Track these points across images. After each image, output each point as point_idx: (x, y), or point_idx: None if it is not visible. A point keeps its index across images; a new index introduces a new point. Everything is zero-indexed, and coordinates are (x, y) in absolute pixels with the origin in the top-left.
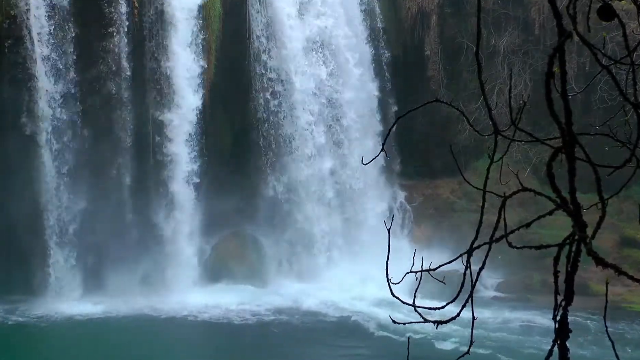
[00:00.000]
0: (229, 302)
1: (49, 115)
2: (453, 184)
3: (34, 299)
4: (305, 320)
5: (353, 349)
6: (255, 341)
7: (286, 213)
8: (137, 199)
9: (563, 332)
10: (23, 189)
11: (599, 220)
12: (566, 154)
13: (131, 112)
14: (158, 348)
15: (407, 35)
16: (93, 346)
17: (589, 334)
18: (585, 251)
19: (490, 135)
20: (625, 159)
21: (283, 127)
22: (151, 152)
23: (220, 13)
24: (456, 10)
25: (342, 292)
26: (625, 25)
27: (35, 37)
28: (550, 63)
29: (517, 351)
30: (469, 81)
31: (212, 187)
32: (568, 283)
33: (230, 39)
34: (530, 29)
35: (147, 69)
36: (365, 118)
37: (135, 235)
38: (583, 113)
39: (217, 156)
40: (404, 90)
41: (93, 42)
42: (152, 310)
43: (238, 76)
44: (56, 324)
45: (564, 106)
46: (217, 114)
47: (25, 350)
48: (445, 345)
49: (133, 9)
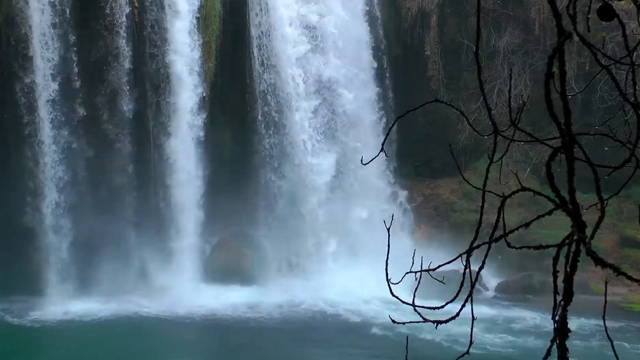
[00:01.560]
0: (228, 302)
1: (47, 117)
2: (453, 184)
3: (31, 299)
4: (305, 320)
5: (353, 349)
6: (254, 341)
7: (286, 213)
8: (136, 199)
9: (562, 332)
10: (21, 188)
11: (599, 220)
12: (565, 154)
13: (131, 112)
14: (157, 348)
15: (407, 35)
16: (92, 346)
17: (589, 334)
18: (585, 251)
19: (490, 135)
20: (624, 159)
21: (283, 127)
22: (151, 152)
23: (220, 13)
24: (456, 10)
25: (342, 291)
26: (625, 25)
27: (36, 36)
28: (550, 63)
29: (517, 351)
30: (469, 81)
31: (212, 187)
32: (567, 283)
33: (230, 39)
34: (530, 29)
35: (147, 69)
36: (365, 118)
37: (135, 235)
38: (583, 113)
39: (217, 156)
40: (404, 90)
41: (93, 41)
42: (151, 310)
43: (238, 76)
44: (53, 324)
45: (564, 106)
46: (217, 114)
47: (25, 350)
48: (445, 345)
49: (133, 9)
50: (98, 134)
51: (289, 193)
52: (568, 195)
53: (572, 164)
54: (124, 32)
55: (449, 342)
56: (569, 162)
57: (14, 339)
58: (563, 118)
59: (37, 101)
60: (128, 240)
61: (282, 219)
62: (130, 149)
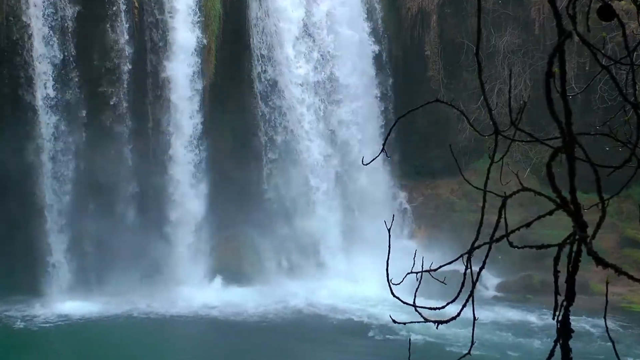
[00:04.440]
0: (228, 302)
1: (46, 119)
2: (453, 184)
3: (33, 299)
4: (305, 320)
5: (353, 349)
6: (254, 341)
7: (286, 213)
8: (136, 199)
9: (565, 333)
10: (22, 188)
11: (599, 220)
12: (566, 154)
13: (131, 113)
14: (157, 348)
15: (407, 35)
16: (92, 346)
17: (590, 334)
18: (586, 251)
19: (491, 136)
20: (625, 159)
21: (283, 127)
22: (151, 152)
23: (220, 13)
24: (456, 10)
25: (342, 291)
26: (625, 25)
27: (36, 36)
28: (550, 63)
29: (517, 351)
30: (469, 81)
31: (213, 187)
32: (569, 283)
33: (230, 39)
34: (530, 29)
35: (146, 69)
36: (366, 117)
37: (136, 236)
38: (583, 113)
39: (217, 156)
40: (404, 90)
41: (92, 40)
42: (151, 310)
43: (238, 76)
44: (53, 324)
45: (564, 106)
46: (217, 114)
47: (25, 350)
48: (445, 346)
49: (133, 10)
50: (98, 134)
51: (289, 193)
52: (569, 195)
53: (573, 164)
54: (124, 32)
55: (449, 343)
56: (570, 162)
57: (14, 339)
58: (563, 118)
59: (37, 97)
60: (128, 241)
61: (282, 219)
62: (130, 149)
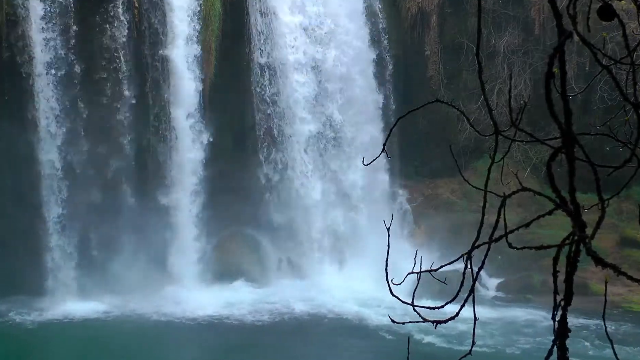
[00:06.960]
0: (228, 302)
1: (46, 122)
2: (453, 184)
3: (33, 298)
4: (305, 319)
5: (353, 349)
6: (254, 341)
7: (286, 213)
8: (136, 200)
9: (562, 332)
10: (21, 185)
11: (599, 220)
12: (566, 154)
13: (131, 113)
14: (157, 348)
15: (407, 35)
16: (92, 346)
17: (588, 334)
18: (585, 251)
19: (491, 136)
20: (625, 159)
21: (283, 127)
22: (150, 151)
23: (220, 13)
24: (456, 10)
25: (342, 291)
26: (625, 25)
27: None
28: (550, 63)
29: (517, 351)
30: (469, 81)
31: (213, 187)
32: (567, 283)
33: (230, 39)
34: (530, 29)
35: (146, 69)
36: (365, 118)
37: (135, 236)
38: (583, 113)
39: (217, 156)
40: (404, 90)
41: (92, 41)
42: (151, 310)
43: (238, 76)
44: (53, 324)
45: (564, 106)
46: (217, 114)
47: (25, 350)
48: (446, 346)
49: (133, 9)
50: (98, 134)
51: (289, 193)
52: (568, 195)
53: (572, 164)
54: (124, 32)
55: (449, 343)
56: (570, 162)
57: (14, 339)
58: (563, 118)
59: (37, 97)
60: (128, 241)
61: (282, 219)
62: (130, 149)
